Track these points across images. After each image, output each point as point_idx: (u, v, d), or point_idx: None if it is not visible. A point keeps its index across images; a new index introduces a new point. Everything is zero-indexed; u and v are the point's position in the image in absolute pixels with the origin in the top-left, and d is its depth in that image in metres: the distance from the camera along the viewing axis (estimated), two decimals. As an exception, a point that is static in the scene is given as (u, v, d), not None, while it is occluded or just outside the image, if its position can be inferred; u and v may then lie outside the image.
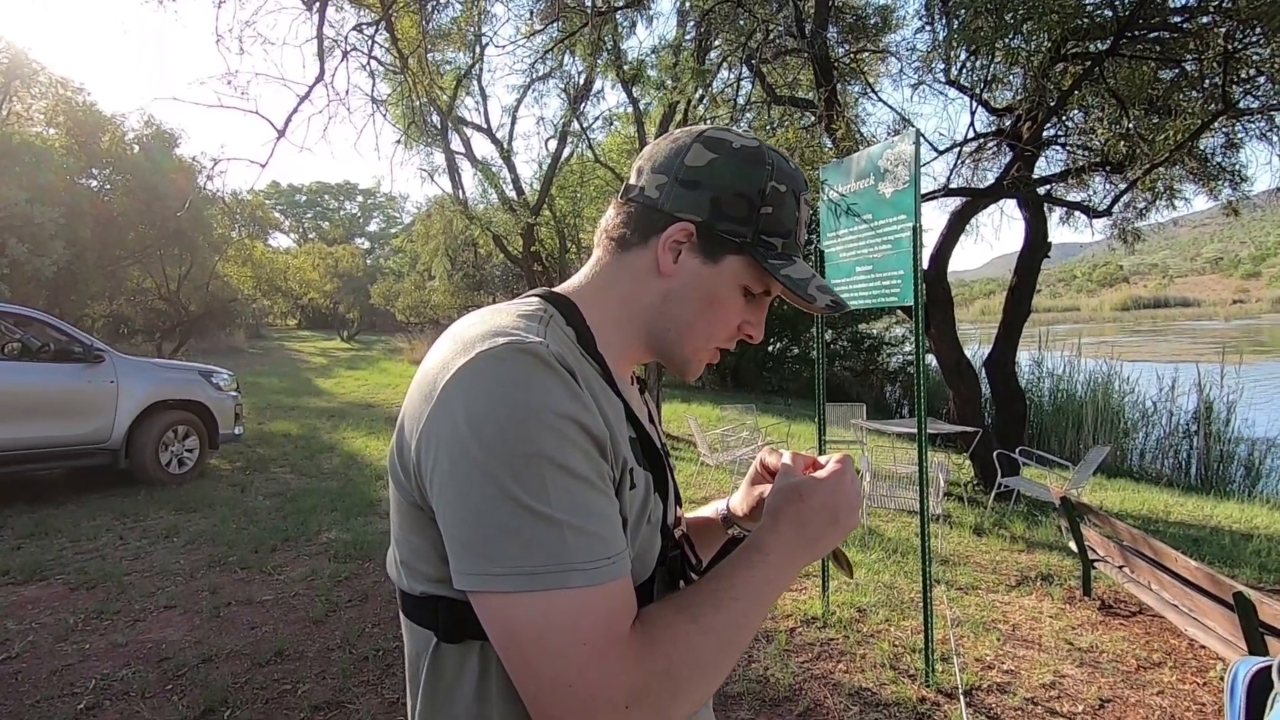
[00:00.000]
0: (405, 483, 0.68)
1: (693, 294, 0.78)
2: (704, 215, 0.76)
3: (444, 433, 0.62)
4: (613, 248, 0.80)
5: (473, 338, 0.67)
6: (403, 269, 29.76)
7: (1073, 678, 3.28)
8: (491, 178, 13.93)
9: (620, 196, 0.82)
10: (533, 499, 0.59)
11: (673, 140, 0.80)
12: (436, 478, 0.63)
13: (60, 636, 3.53)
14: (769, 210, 0.77)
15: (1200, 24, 5.73)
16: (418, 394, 0.68)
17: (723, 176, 0.76)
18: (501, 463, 0.59)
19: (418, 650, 0.73)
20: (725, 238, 0.77)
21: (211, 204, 18.33)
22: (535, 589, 0.59)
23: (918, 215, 3.18)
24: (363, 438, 9.20)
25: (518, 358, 0.63)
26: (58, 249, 13.80)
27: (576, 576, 0.59)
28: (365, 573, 4.46)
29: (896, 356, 16.71)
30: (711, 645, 0.65)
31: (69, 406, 5.98)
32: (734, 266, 0.78)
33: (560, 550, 0.59)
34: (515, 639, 0.60)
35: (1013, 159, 6.56)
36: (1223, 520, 6.16)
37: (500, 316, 0.72)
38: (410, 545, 0.70)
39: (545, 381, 0.63)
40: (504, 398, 0.61)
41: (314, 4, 5.69)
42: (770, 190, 0.77)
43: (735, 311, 0.80)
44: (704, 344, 0.81)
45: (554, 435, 0.61)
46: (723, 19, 8.26)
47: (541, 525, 0.59)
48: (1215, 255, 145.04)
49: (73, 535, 5.12)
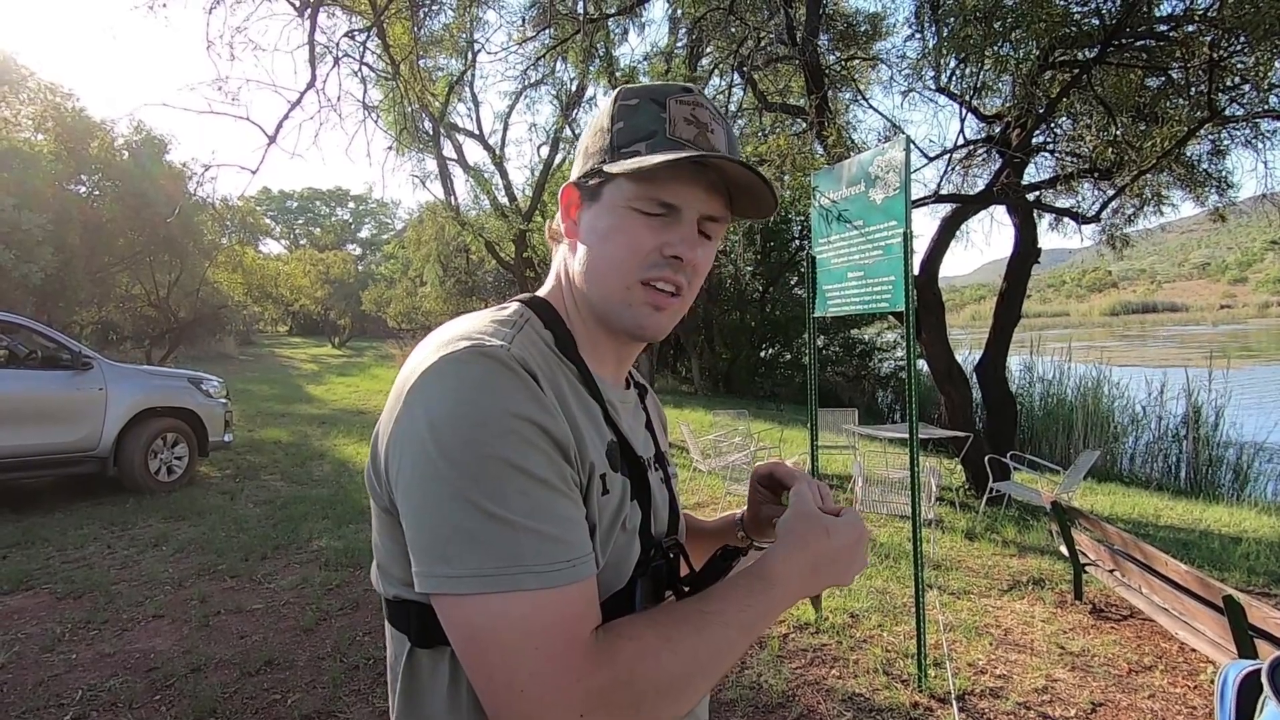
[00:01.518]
0: (378, 488, 0.69)
1: (594, 238, 0.76)
2: (580, 171, 0.78)
3: (406, 436, 0.63)
4: (554, 243, 0.84)
5: (437, 344, 0.68)
6: (394, 275, 29.71)
7: (1065, 682, 3.29)
8: (484, 184, 13.95)
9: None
10: (489, 501, 0.59)
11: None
12: (400, 481, 0.63)
13: (47, 647, 3.49)
14: (620, 125, 0.75)
15: (1186, 33, 5.79)
16: (391, 399, 0.69)
17: (587, 131, 0.80)
18: (459, 465, 0.59)
19: (396, 653, 0.73)
20: (594, 174, 0.75)
21: (202, 210, 18.26)
22: (489, 591, 0.58)
23: (908, 221, 3.20)
24: (354, 444, 9.16)
25: (477, 361, 0.64)
26: (46, 255, 13.71)
27: (530, 579, 0.59)
28: (356, 580, 4.43)
29: (888, 362, 16.79)
30: (683, 666, 0.63)
31: (57, 414, 5.93)
32: (613, 191, 0.74)
33: (515, 552, 0.59)
34: (471, 641, 0.60)
35: (1002, 165, 6.61)
36: (1212, 524, 6.20)
37: (469, 323, 0.72)
38: (384, 549, 0.71)
39: (504, 384, 0.63)
40: (462, 400, 0.61)
41: (305, 10, 5.69)
42: (618, 109, 0.76)
43: (637, 233, 0.73)
44: (623, 278, 0.74)
45: (513, 437, 0.61)
46: (714, 26, 8.30)
47: (497, 527, 0.59)
48: (1202, 261, 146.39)
49: (60, 544, 5.07)
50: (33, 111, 16.39)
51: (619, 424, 0.77)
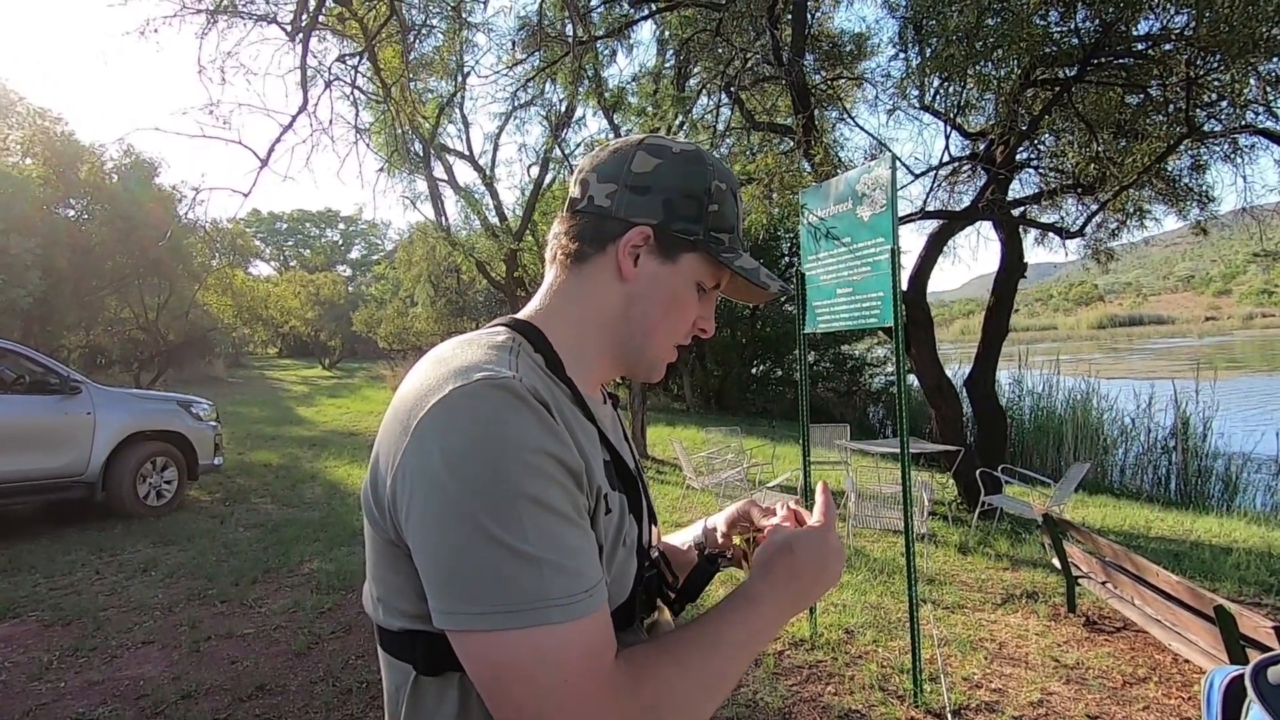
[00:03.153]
0: (380, 519, 0.68)
1: (655, 295, 0.79)
2: (659, 217, 0.78)
3: (419, 470, 0.62)
4: (569, 263, 0.81)
5: (444, 374, 0.66)
6: (385, 296, 29.69)
7: (1060, 695, 3.29)
8: (474, 204, 13.99)
9: (565, 210, 0.83)
10: (510, 537, 0.59)
11: (613, 150, 0.82)
12: (413, 515, 0.62)
13: (34, 675, 3.44)
14: (715, 207, 0.80)
15: (1163, 51, 5.91)
16: (393, 428, 0.67)
17: (671, 179, 0.79)
18: (478, 501, 0.59)
19: (396, 684, 0.72)
20: (680, 237, 0.79)
21: (191, 233, 18.23)
22: (515, 627, 0.59)
23: (896, 238, 3.24)
24: (345, 466, 9.11)
25: (491, 394, 0.63)
26: (34, 279, 13.65)
27: (555, 613, 0.59)
28: (348, 604, 4.40)
29: (879, 377, 16.85)
30: (697, 690, 0.66)
31: (45, 438, 5.88)
32: (690, 263, 0.80)
33: (539, 588, 0.59)
34: (497, 677, 0.60)
35: (987, 182, 6.70)
36: (1202, 534, 6.23)
37: (471, 350, 0.71)
38: (386, 582, 0.70)
39: (519, 417, 0.63)
40: (479, 435, 0.61)
41: (297, 35, 5.73)
42: (714, 188, 0.80)
43: (692, 308, 0.82)
44: (668, 343, 0.83)
45: (530, 472, 0.61)
46: (701, 47, 8.40)
47: (520, 563, 0.59)
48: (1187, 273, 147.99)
49: (47, 570, 5.01)
50: (21, 136, 16.39)
51: (610, 441, 0.78)
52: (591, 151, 0.85)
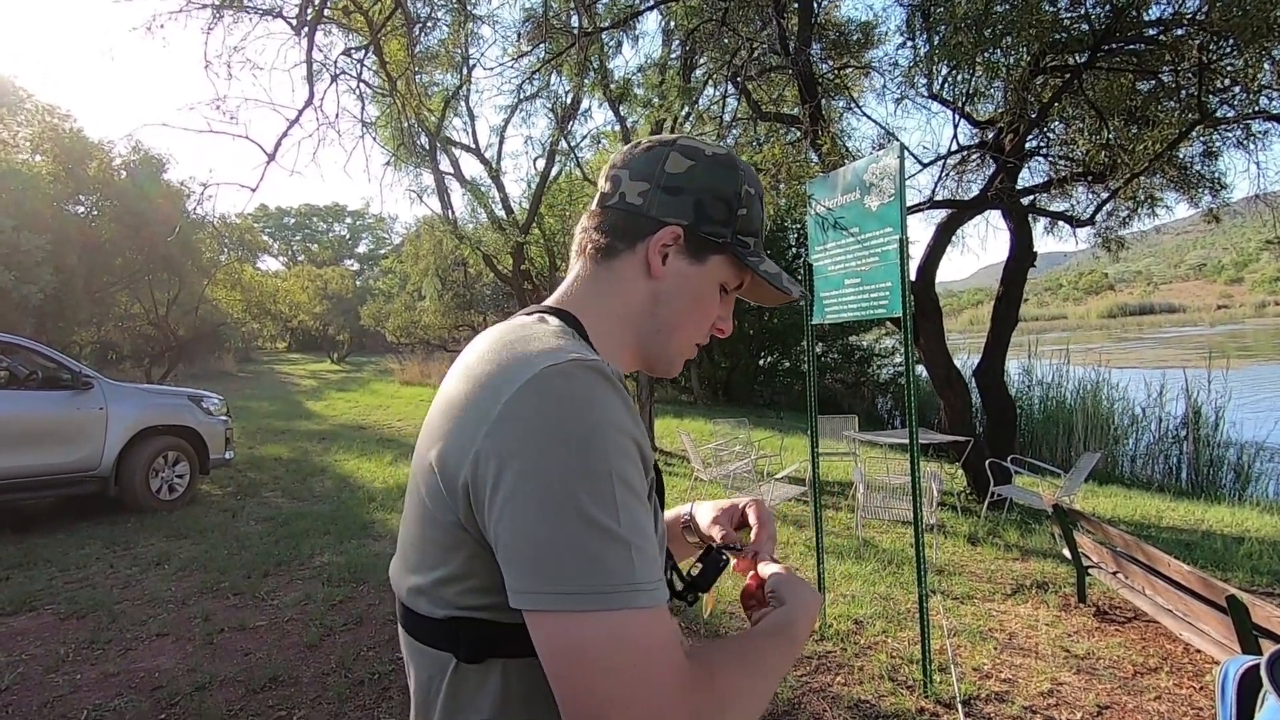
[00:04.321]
0: (448, 500, 0.66)
1: (681, 294, 0.82)
2: (689, 218, 0.80)
3: (512, 449, 0.61)
4: (598, 257, 0.82)
5: (527, 354, 0.66)
6: (392, 290, 29.70)
7: (1070, 685, 3.28)
8: (480, 197, 13.98)
9: (596, 205, 0.84)
10: (605, 516, 0.59)
11: (646, 149, 0.83)
12: (500, 494, 0.61)
13: (51, 668, 3.49)
14: (744, 211, 0.83)
15: (1175, 36, 5.84)
16: (467, 408, 0.66)
17: (703, 181, 0.81)
18: (575, 479, 0.59)
19: (430, 674, 0.71)
20: (709, 238, 0.81)
21: (200, 228, 18.30)
22: (604, 609, 0.58)
23: (904, 228, 3.22)
24: (355, 460, 9.15)
25: (584, 374, 0.63)
26: (45, 276, 13.74)
27: (642, 597, 0.59)
28: (360, 596, 4.43)
29: (887, 368, 16.79)
30: (753, 699, 0.67)
31: (57, 434, 5.93)
32: (717, 265, 0.83)
33: (628, 570, 0.59)
34: (579, 658, 0.58)
35: (996, 171, 6.65)
36: (1214, 524, 6.20)
37: (539, 333, 0.71)
38: (437, 571, 0.69)
39: (609, 398, 0.63)
40: (575, 415, 0.61)
41: (302, 29, 5.73)
42: (744, 193, 0.83)
43: (714, 308, 0.85)
44: (689, 341, 0.85)
45: (620, 453, 0.62)
46: (707, 37, 8.35)
47: (612, 544, 0.59)
48: (1198, 262, 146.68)
49: (62, 564, 5.06)
50: (31, 133, 16.47)
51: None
52: (624, 148, 0.86)
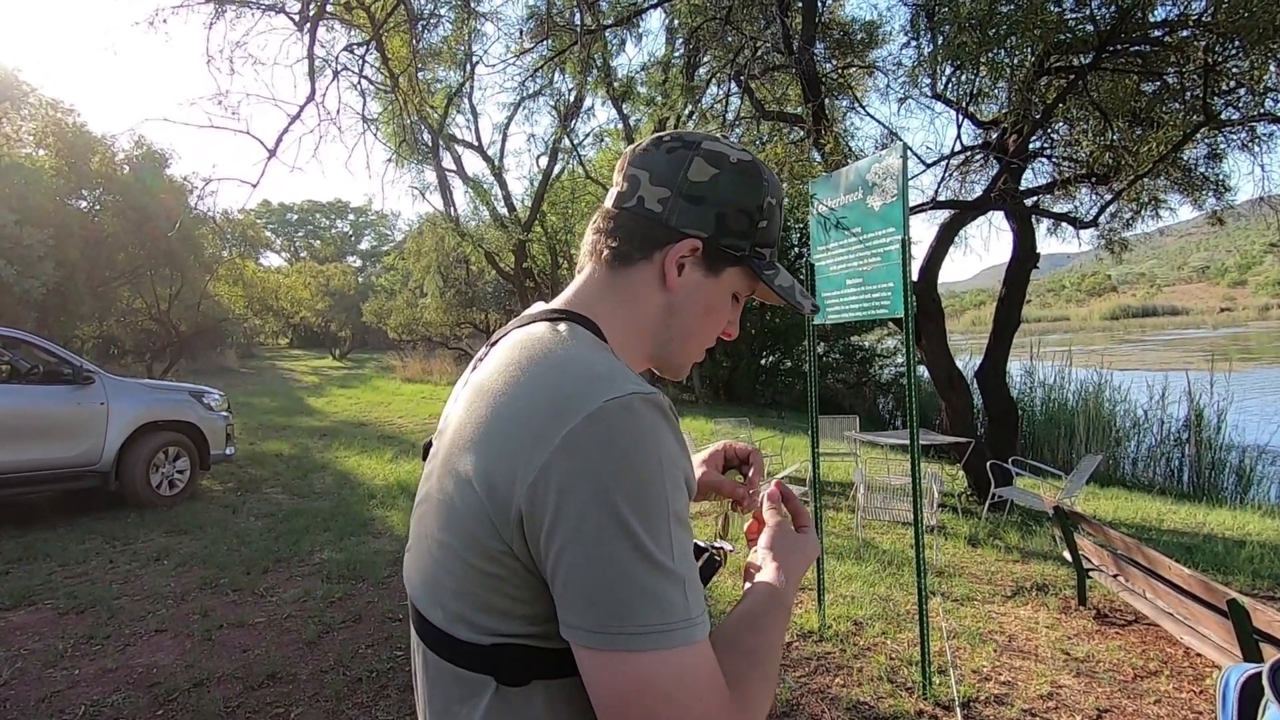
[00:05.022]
0: (496, 527, 0.64)
1: (694, 305, 0.81)
2: (709, 231, 0.78)
3: (574, 483, 0.60)
4: (613, 263, 0.80)
5: (586, 379, 0.65)
6: (395, 287, 29.70)
7: (1070, 688, 3.28)
8: (483, 195, 13.99)
9: (611, 205, 0.81)
10: (662, 554, 0.60)
11: (669, 151, 0.79)
12: (561, 529, 0.60)
13: (49, 662, 3.49)
14: (764, 224, 0.81)
15: (1180, 38, 5.82)
16: (514, 429, 0.64)
17: (726, 192, 0.78)
18: (638, 518, 0.59)
19: (462, 698, 0.69)
20: (727, 251, 0.80)
21: (202, 224, 18.31)
22: (665, 647, 0.59)
23: (906, 228, 3.21)
24: (355, 456, 9.16)
25: (645, 410, 0.63)
26: (47, 270, 13.75)
27: (697, 631, 0.61)
28: (359, 593, 4.43)
29: (889, 368, 16.76)
30: (769, 691, 0.69)
31: (58, 428, 5.93)
32: (732, 276, 0.82)
33: (684, 606, 0.60)
34: (641, 697, 0.58)
35: (999, 171, 6.63)
36: (1215, 527, 6.18)
37: (582, 347, 0.70)
38: (477, 597, 0.67)
39: (668, 435, 0.64)
40: (637, 452, 0.61)
41: (305, 25, 5.72)
42: (766, 205, 0.81)
43: (725, 315, 0.85)
44: (699, 348, 0.85)
45: (676, 490, 0.62)
46: (711, 36, 8.35)
47: (669, 581, 0.60)
48: (1202, 264, 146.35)
49: (62, 559, 5.06)
50: (34, 127, 16.47)
51: None
52: (642, 144, 0.83)
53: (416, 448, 9.88)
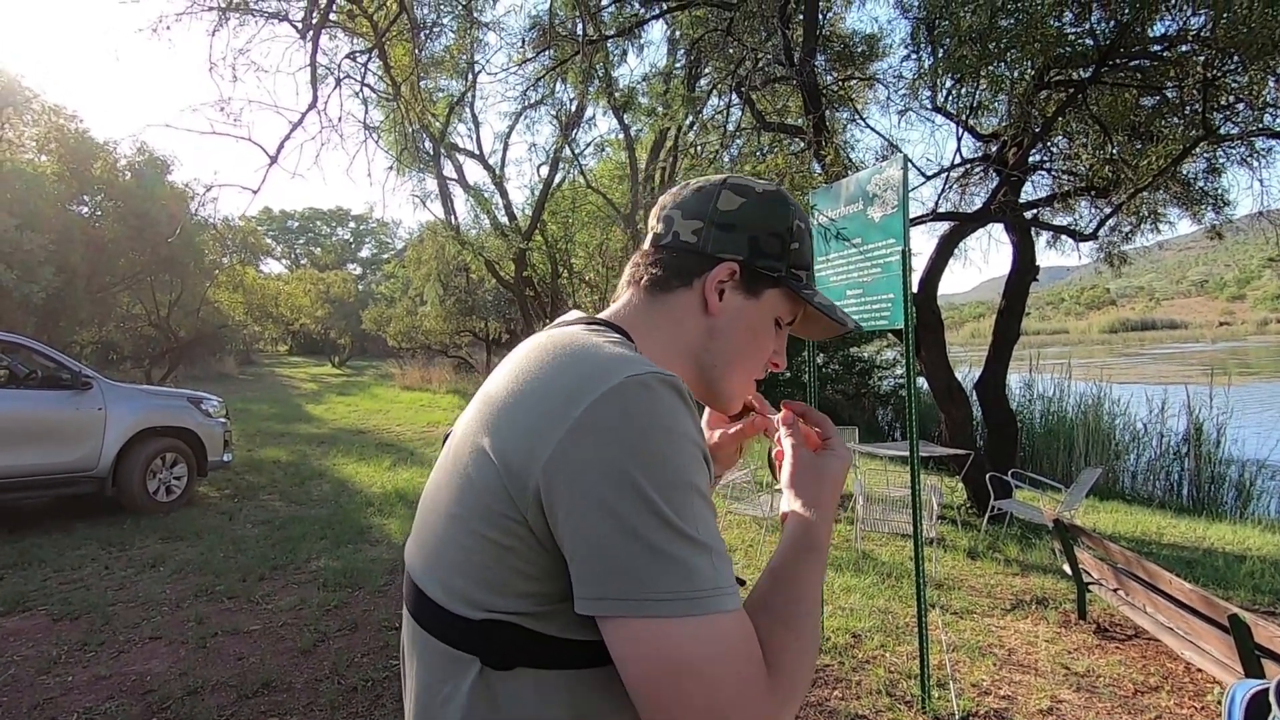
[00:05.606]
0: (512, 499, 0.65)
1: (736, 329, 0.83)
2: (744, 254, 0.82)
3: (595, 456, 0.61)
4: (653, 290, 0.83)
5: (603, 362, 0.67)
6: (395, 294, 29.75)
7: (1070, 703, 3.25)
8: (484, 203, 14.02)
9: (649, 245, 0.86)
10: (687, 525, 0.60)
11: (696, 189, 0.85)
12: (579, 499, 0.61)
13: (43, 669, 3.46)
14: (796, 246, 0.85)
15: (1180, 53, 5.85)
16: (532, 408, 0.66)
17: (756, 217, 0.83)
18: (659, 489, 0.60)
19: (445, 676, 0.69)
20: (764, 273, 0.83)
21: (203, 230, 18.33)
22: (695, 614, 0.58)
23: (906, 239, 3.21)
24: (353, 464, 9.13)
25: (663, 388, 0.64)
26: (47, 275, 13.75)
27: (727, 600, 0.60)
28: (355, 601, 4.40)
29: (888, 380, 16.75)
30: (810, 648, 0.68)
31: (56, 433, 5.91)
32: (772, 299, 0.84)
33: (713, 575, 0.60)
34: (670, 667, 0.58)
35: (999, 184, 6.65)
36: (1216, 542, 6.16)
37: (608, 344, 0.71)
38: (481, 568, 0.67)
39: (685, 413, 0.65)
40: (658, 426, 0.62)
41: (307, 32, 5.75)
42: (795, 227, 0.85)
43: (769, 341, 0.86)
44: (746, 377, 0.87)
45: (697, 464, 0.64)
46: (712, 47, 8.39)
47: (696, 551, 0.60)
48: (1200, 278, 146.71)
49: (57, 565, 5.04)
50: (37, 133, 16.51)
51: None
52: (673, 190, 0.88)
53: (415, 456, 9.86)
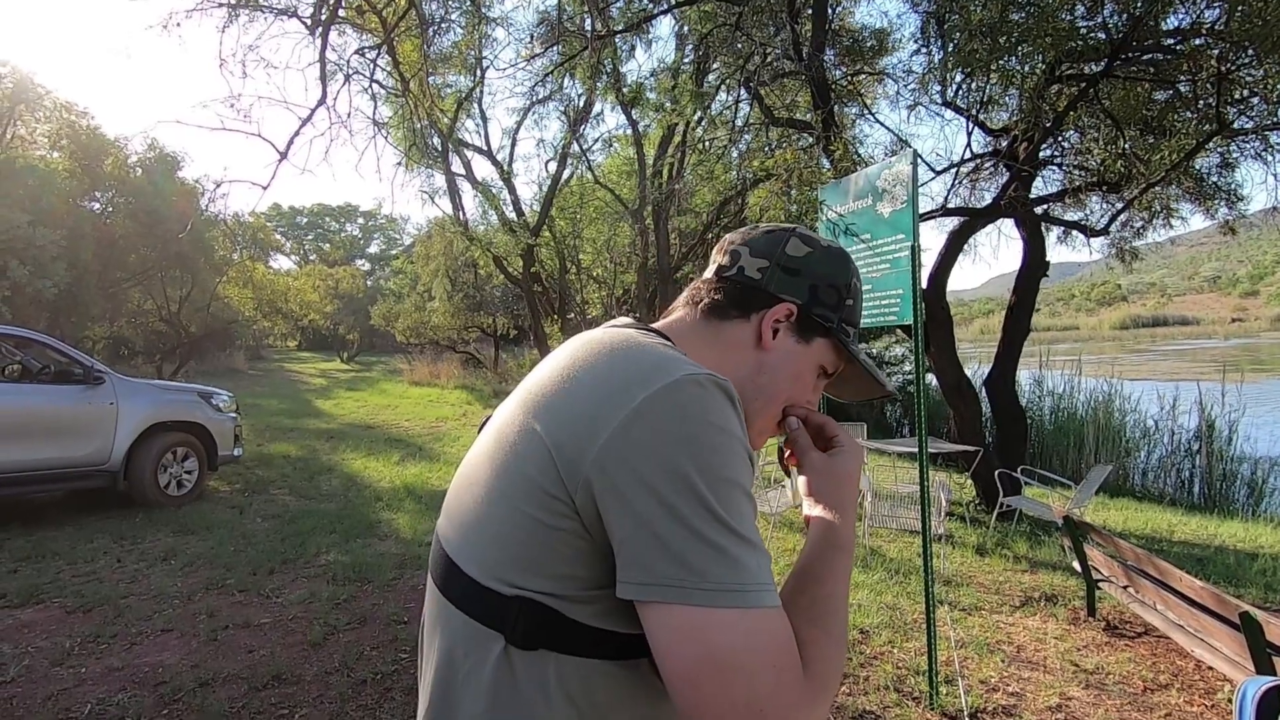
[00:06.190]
0: (563, 481, 0.66)
1: (784, 368, 0.86)
2: (804, 299, 0.86)
3: (649, 444, 0.63)
4: (708, 313, 0.86)
5: (664, 359, 0.70)
6: (403, 290, 29.82)
7: (1079, 700, 3.24)
8: (492, 199, 14.04)
9: (713, 275, 0.90)
10: (734, 520, 0.62)
11: (767, 233, 0.90)
12: (632, 486, 0.62)
13: (57, 660, 3.50)
14: (850, 302, 0.89)
15: (1193, 46, 5.79)
16: (588, 397, 0.68)
17: (820, 267, 0.88)
18: (710, 483, 0.62)
19: (468, 650, 0.70)
20: (818, 320, 0.87)
21: (213, 226, 18.43)
22: (742, 606, 0.59)
23: (916, 235, 3.20)
24: (362, 459, 9.17)
25: (716, 390, 0.67)
26: (59, 271, 13.85)
27: (769, 596, 0.61)
28: (364, 595, 4.43)
29: (896, 376, 16.69)
30: (840, 647, 0.69)
31: (68, 428, 5.96)
32: (821, 347, 0.88)
33: (758, 571, 0.62)
34: (713, 659, 0.58)
35: (1010, 179, 6.60)
36: (1227, 539, 6.12)
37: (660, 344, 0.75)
38: (520, 545, 0.68)
39: (735, 415, 0.67)
40: (711, 424, 0.64)
41: (317, 28, 5.76)
42: (853, 285, 0.90)
43: (809, 390, 0.89)
44: (778, 415, 0.89)
45: (744, 464, 0.65)
46: (721, 42, 8.36)
47: (743, 545, 0.61)
48: (1213, 274, 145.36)
49: (70, 558, 5.08)
50: (48, 130, 16.64)
51: None
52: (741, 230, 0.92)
53: (423, 451, 9.90)
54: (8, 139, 15.85)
